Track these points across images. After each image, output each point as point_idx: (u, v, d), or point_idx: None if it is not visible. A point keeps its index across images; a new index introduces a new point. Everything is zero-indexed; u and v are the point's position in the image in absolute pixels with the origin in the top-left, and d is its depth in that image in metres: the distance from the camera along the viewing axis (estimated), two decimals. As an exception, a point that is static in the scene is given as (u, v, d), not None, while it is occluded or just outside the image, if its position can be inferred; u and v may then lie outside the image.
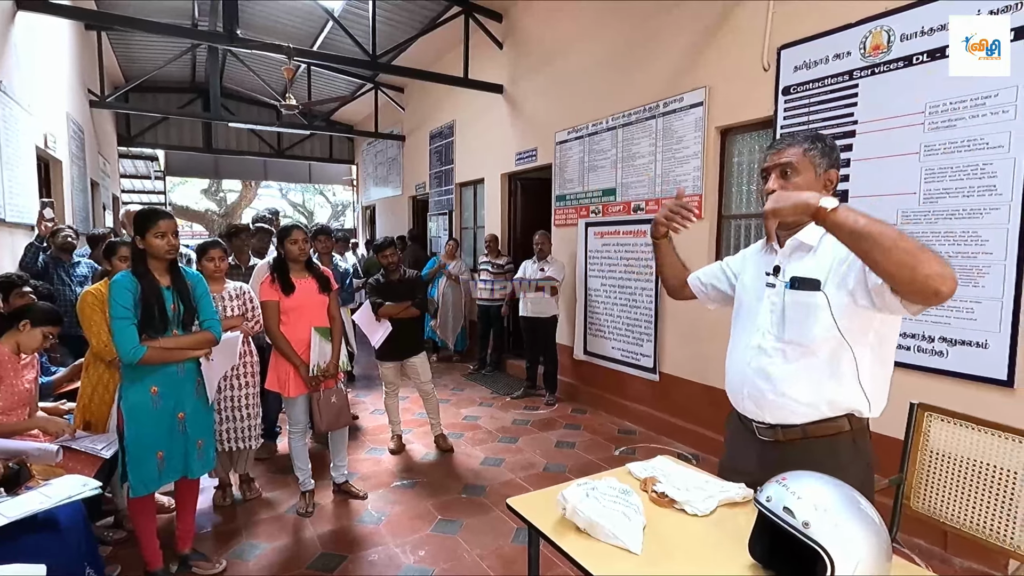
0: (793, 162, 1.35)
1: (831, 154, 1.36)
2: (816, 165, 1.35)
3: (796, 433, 1.36)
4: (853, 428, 1.33)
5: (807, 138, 1.38)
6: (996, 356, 2.40)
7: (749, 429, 1.46)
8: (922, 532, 2.53)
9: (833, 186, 1.37)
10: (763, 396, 1.38)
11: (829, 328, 1.27)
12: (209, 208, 20.07)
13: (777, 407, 1.37)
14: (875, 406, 1.34)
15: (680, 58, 3.93)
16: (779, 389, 1.35)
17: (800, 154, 1.35)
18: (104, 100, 7.22)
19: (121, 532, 2.67)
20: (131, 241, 2.24)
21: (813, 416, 1.33)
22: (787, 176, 1.36)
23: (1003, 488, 1.64)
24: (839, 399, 1.32)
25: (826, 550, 0.94)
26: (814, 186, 1.34)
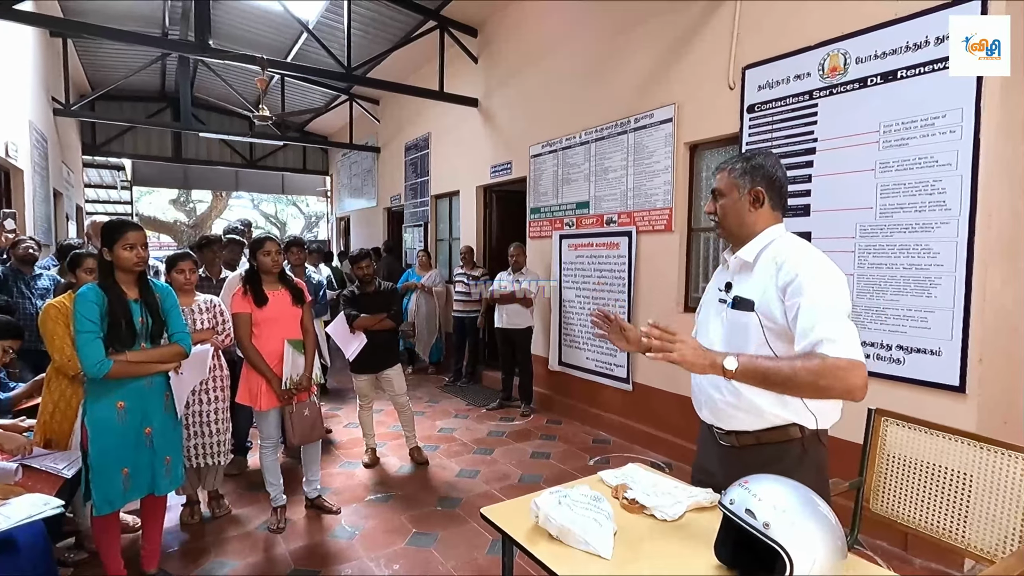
0: (720, 187, 1.49)
1: (753, 172, 1.45)
2: (739, 186, 1.46)
3: (750, 439, 1.43)
4: (804, 435, 1.39)
5: (733, 160, 1.50)
6: (948, 363, 2.52)
7: (712, 434, 1.53)
8: (883, 534, 2.62)
9: (762, 201, 1.44)
10: (715, 405, 1.47)
11: (761, 347, 1.35)
12: (178, 219, 19.64)
13: (728, 416, 1.45)
14: (822, 420, 1.39)
15: (650, 75, 4.05)
16: (727, 400, 1.43)
17: (725, 177, 1.48)
18: (69, 108, 7.06)
19: (83, 553, 2.58)
20: (98, 253, 2.19)
21: (761, 425, 1.40)
22: (716, 200, 1.50)
23: (957, 489, 1.72)
24: (782, 413, 1.38)
25: (785, 549, 0.99)
26: (739, 205, 1.45)
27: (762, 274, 1.39)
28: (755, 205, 1.45)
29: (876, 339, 2.75)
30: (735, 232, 1.48)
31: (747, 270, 1.45)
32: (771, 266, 1.37)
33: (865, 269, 2.79)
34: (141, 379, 2.17)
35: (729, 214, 1.46)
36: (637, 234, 4.18)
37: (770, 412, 1.38)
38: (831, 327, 1.23)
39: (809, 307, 1.26)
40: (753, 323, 1.36)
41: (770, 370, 1.24)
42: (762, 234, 1.44)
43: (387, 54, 6.44)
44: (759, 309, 1.36)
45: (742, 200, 1.45)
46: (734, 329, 1.42)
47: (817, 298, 1.26)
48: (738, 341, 1.40)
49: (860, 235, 2.80)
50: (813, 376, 1.20)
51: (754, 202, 1.45)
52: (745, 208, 1.45)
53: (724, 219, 1.48)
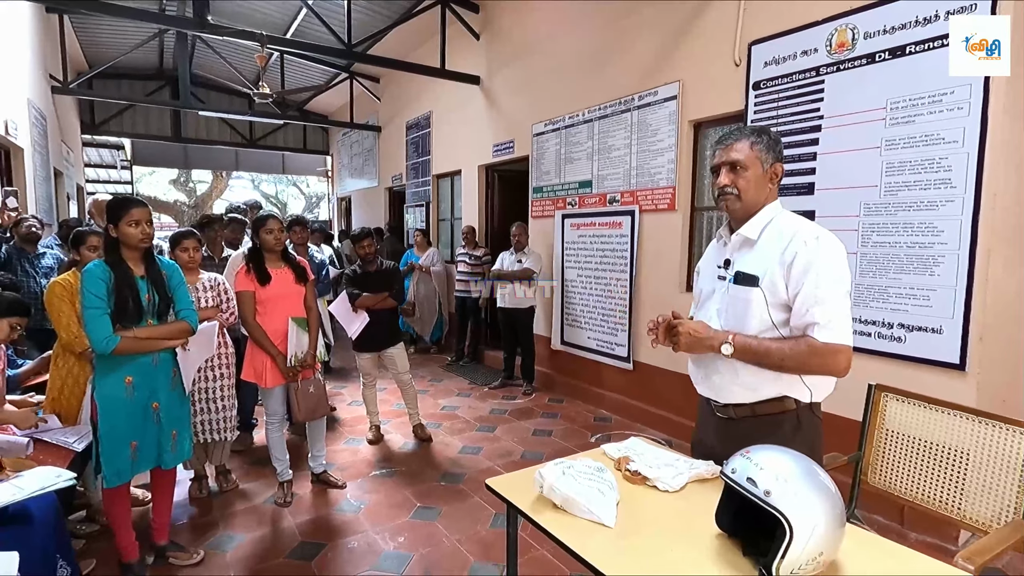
0: (741, 159, 1.42)
1: (775, 147, 1.44)
2: (762, 160, 1.42)
3: (746, 411, 1.46)
4: (799, 407, 1.42)
5: (753, 131, 1.44)
6: (950, 341, 2.53)
7: (709, 407, 1.56)
8: (881, 508, 2.66)
9: (778, 178, 1.45)
10: (711, 380, 1.50)
11: (764, 322, 1.38)
12: (178, 199, 19.57)
13: (725, 390, 1.47)
14: (816, 392, 1.42)
15: (654, 52, 4.00)
16: (723, 374, 1.46)
17: (748, 149, 1.42)
18: (67, 86, 6.99)
19: (94, 526, 2.64)
20: (103, 230, 2.20)
21: (757, 397, 1.43)
22: (736, 172, 1.42)
23: (955, 463, 1.75)
24: (779, 386, 1.40)
25: (786, 516, 1.01)
26: (761, 180, 1.42)
27: (767, 250, 1.40)
28: (773, 181, 1.44)
29: (877, 317, 2.76)
30: (749, 207, 1.44)
31: (748, 247, 1.45)
32: (776, 242, 1.39)
33: (868, 248, 2.78)
34: (148, 355, 2.19)
35: (751, 188, 1.42)
36: (640, 213, 4.17)
37: (764, 387, 1.41)
38: (825, 311, 1.30)
39: (809, 288, 1.31)
40: (756, 298, 1.37)
41: (761, 354, 1.35)
42: (764, 211, 1.45)
43: (388, 30, 6.34)
44: (764, 284, 1.37)
45: (764, 175, 1.42)
46: (735, 304, 1.43)
47: (818, 279, 1.31)
48: (739, 315, 1.42)
49: (864, 213, 2.79)
50: (801, 360, 1.33)
51: (773, 177, 1.44)
52: (765, 183, 1.43)
53: (745, 193, 1.42)
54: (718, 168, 1.47)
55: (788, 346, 1.33)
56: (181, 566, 2.37)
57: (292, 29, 7.10)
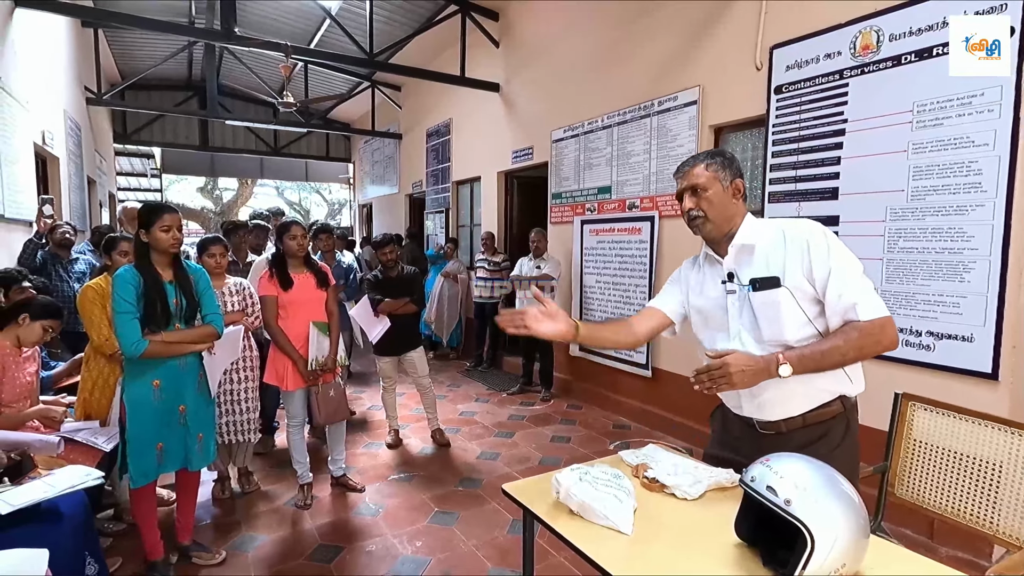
0: (700, 182, 1.46)
1: (731, 165, 1.48)
2: (721, 179, 1.46)
3: (797, 423, 1.43)
4: (846, 408, 1.42)
5: (707, 155, 1.50)
6: (981, 349, 2.46)
7: (749, 425, 1.50)
8: (909, 521, 2.59)
9: (741, 193, 1.48)
10: (762, 398, 1.43)
11: (799, 319, 1.36)
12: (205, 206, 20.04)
13: (778, 404, 1.43)
14: (856, 384, 1.43)
15: (674, 57, 3.98)
16: (777, 391, 1.40)
17: (704, 171, 1.46)
18: (101, 97, 7.23)
19: (121, 524, 2.70)
20: (134, 235, 2.26)
21: (810, 405, 1.41)
22: (699, 195, 1.46)
23: (987, 475, 1.69)
24: (828, 385, 1.39)
25: (806, 526, 0.99)
26: (724, 197, 1.45)
27: (772, 250, 1.41)
28: (737, 196, 1.47)
29: (905, 325, 2.69)
30: (720, 224, 1.46)
31: (748, 254, 1.44)
32: (781, 243, 1.40)
33: (895, 253, 2.72)
34: (176, 359, 2.24)
35: (716, 206, 1.45)
36: (660, 219, 4.14)
37: (822, 389, 1.40)
38: (857, 290, 1.30)
39: (834, 273, 1.32)
40: (785, 298, 1.35)
41: (820, 360, 1.31)
42: (746, 221, 1.48)
43: (409, 39, 6.43)
44: (787, 282, 1.36)
45: (726, 192, 1.46)
46: (764, 310, 1.39)
47: (837, 262, 1.33)
48: (772, 319, 1.38)
49: (890, 218, 2.73)
50: (858, 346, 1.29)
51: (736, 193, 1.47)
52: (729, 199, 1.46)
53: (710, 210, 1.45)
54: (682, 195, 1.51)
55: (841, 340, 1.30)
56: (204, 565, 2.41)
57: (316, 39, 7.25)
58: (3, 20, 4.00)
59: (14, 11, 4.17)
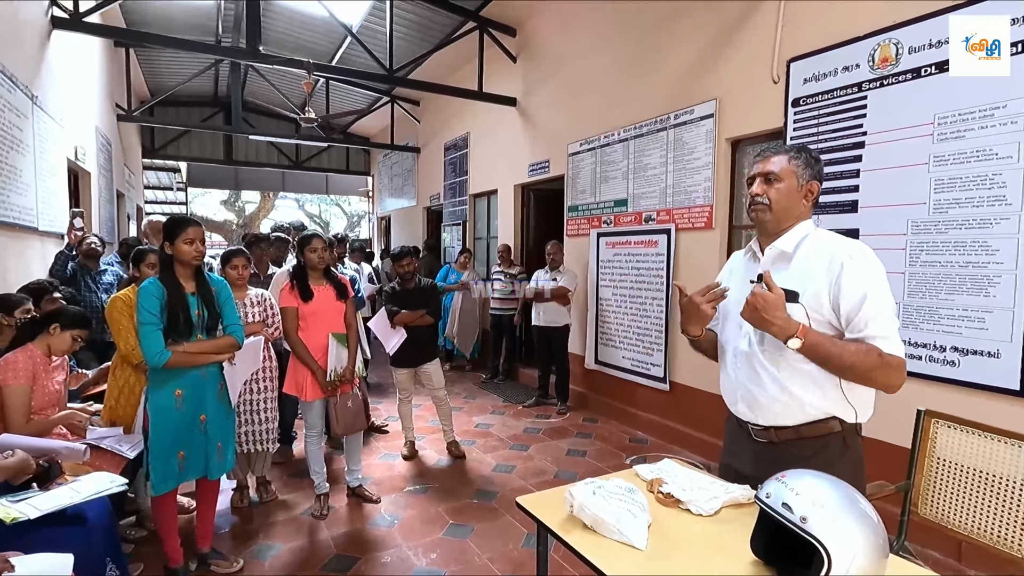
0: (776, 171, 1.43)
1: (814, 166, 1.44)
2: (799, 176, 1.42)
3: (789, 434, 1.41)
4: (844, 429, 1.38)
5: (792, 148, 1.46)
6: (1008, 365, 2.40)
7: (745, 430, 1.51)
8: (935, 542, 2.52)
9: (814, 197, 1.44)
10: (754, 400, 1.45)
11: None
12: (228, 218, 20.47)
13: (768, 410, 1.42)
14: (861, 413, 1.39)
15: (690, 70, 3.99)
16: (768, 394, 1.41)
17: (785, 162, 1.43)
18: (131, 114, 7.47)
19: (143, 531, 2.75)
20: (159, 248, 2.33)
21: (803, 418, 1.39)
22: (770, 182, 1.43)
23: (1016, 496, 1.65)
24: (824, 405, 1.37)
25: (823, 544, 0.98)
26: (794, 194, 1.42)
27: (807, 265, 1.38)
28: (808, 198, 1.44)
29: (928, 340, 2.64)
30: (780, 220, 1.43)
31: (784, 260, 1.43)
32: (817, 257, 1.36)
33: (917, 267, 2.68)
34: (197, 369, 2.30)
35: (783, 199, 1.42)
36: (676, 232, 4.13)
37: (812, 405, 1.37)
38: (885, 326, 1.28)
39: (865, 302, 1.29)
40: (798, 314, 1.33)
41: (833, 353, 1.28)
42: (798, 226, 1.44)
43: (427, 55, 6.55)
44: (805, 300, 1.34)
45: (799, 190, 1.42)
46: None
47: (873, 293, 1.29)
48: None
49: (912, 232, 2.69)
50: (867, 367, 1.27)
51: (808, 195, 1.43)
52: (799, 199, 1.43)
53: (776, 203, 1.42)
54: (753, 179, 1.48)
55: (861, 354, 1.26)
56: (222, 573, 2.44)
57: (337, 56, 7.42)
58: (41, 42, 4.17)
59: (51, 33, 4.35)
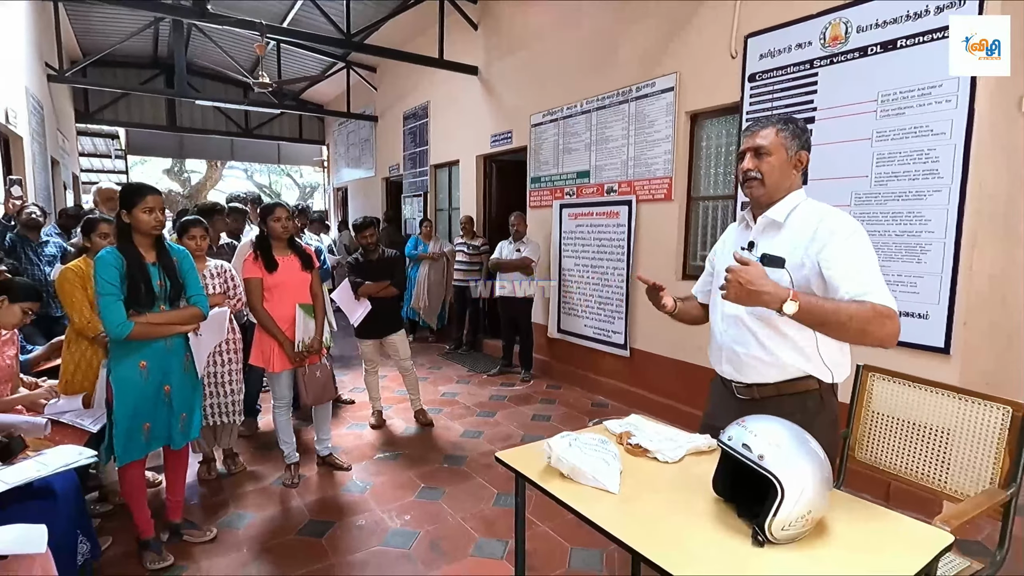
0: (766, 144, 1.47)
1: (801, 136, 1.49)
2: (787, 147, 1.47)
3: (770, 391, 1.51)
4: (821, 387, 1.50)
5: (780, 120, 1.50)
6: (935, 326, 2.64)
7: (729, 390, 1.61)
8: (867, 486, 2.76)
9: (803, 166, 1.51)
10: (738, 359, 1.54)
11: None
12: (172, 188, 19.45)
13: (751, 368, 1.52)
14: (837, 374, 1.51)
15: (652, 44, 4.06)
16: (751, 354, 1.50)
17: (773, 135, 1.47)
18: (62, 75, 6.95)
19: (108, 506, 2.71)
20: (115, 216, 2.24)
21: (783, 376, 1.49)
22: (761, 157, 1.48)
23: (938, 439, 1.84)
24: (803, 366, 1.47)
25: (778, 478, 1.09)
26: (785, 166, 1.47)
27: (794, 233, 1.44)
28: (797, 168, 1.49)
29: (867, 304, 2.85)
30: (773, 193, 1.48)
31: (774, 229, 1.49)
32: (805, 226, 1.42)
33: (859, 236, 2.87)
34: (162, 340, 2.25)
35: (775, 173, 1.46)
36: (637, 203, 4.25)
37: (792, 365, 1.47)
38: (872, 281, 1.32)
39: (852, 263, 1.34)
40: (782, 279, 1.37)
41: (828, 313, 1.29)
42: (790, 196, 1.49)
43: (386, 20, 6.35)
44: (790, 265, 1.38)
45: (789, 161, 1.47)
46: None
47: (858, 255, 1.36)
48: None
49: (855, 203, 2.88)
50: (863, 323, 1.28)
51: (797, 165, 1.48)
52: (789, 170, 1.47)
53: (769, 175, 1.46)
54: (743, 154, 1.52)
55: (854, 308, 1.28)
56: (196, 543, 2.45)
57: (289, 18, 7.08)
58: (-39, -8, 3.83)
59: (-28, -18, 3.99)
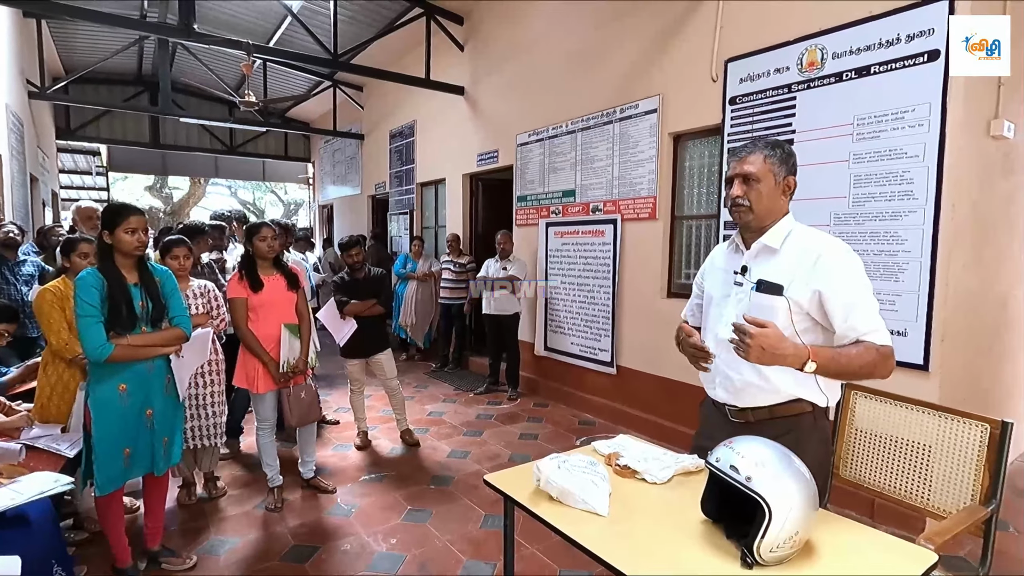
0: (755, 171, 1.46)
1: (788, 161, 1.50)
2: (775, 173, 1.46)
3: (764, 414, 1.51)
4: (814, 410, 1.50)
5: (767, 145, 1.49)
6: (914, 343, 2.69)
7: (721, 412, 1.60)
8: (852, 503, 2.79)
9: (791, 191, 1.51)
10: (732, 384, 1.53)
11: (787, 330, 1.38)
12: (153, 205, 19.22)
13: (745, 393, 1.52)
14: (831, 399, 1.52)
15: (636, 66, 4.15)
16: (746, 379, 1.50)
17: (761, 162, 1.46)
18: (44, 91, 6.89)
19: (83, 533, 2.62)
20: (97, 237, 2.21)
21: (777, 399, 1.49)
22: (749, 184, 1.47)
23: (920, 456, 1.87)
24: (797, 392, 1.48)
25: (765, 499, 1.10)
26: (773, 192, 1.48)
27: (791, 261, 1.44)
28: (786, 193, 1.49)
29: (848, 321, 2.91)
30: (763, 219, 1.48)
31: (769, 254, 1.48)
32: (804, 257, 1.42)
33: (838, 255, 2.93)
34: (143, 362, 2.21)
35: (764, 199, 1.45)
36: (622, 222, 4.30)
37: (786, 390, 1.47)
38: (873, 320, 1.37)
39: (857, 303, 1.37)
40: (781, 306, 1.38)
41: (843, 366, 1.35)
42: (782, 221, 1.49)
43: (373, 40, 6.41)
44: (789, 294, 1.39)
45: (777, 187, 1.47)
46: (759, 311, 1.42)
47: (862, 293, 1.39)
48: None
49: (834, 223, 2.95)
50: (871, 368, 1.36)
51: (785, 190, 1.48)
52: (778, 196, 1.47)
53: (757, 203, 1.45)
54: (731, 180, 1.51)
55: (865, 356, 1.34)
56: (175, 571, 2.38)
57: (276, 37, 7.12)
58: (-58, 9, 3.79)
59: (-47, 0, 3.96)
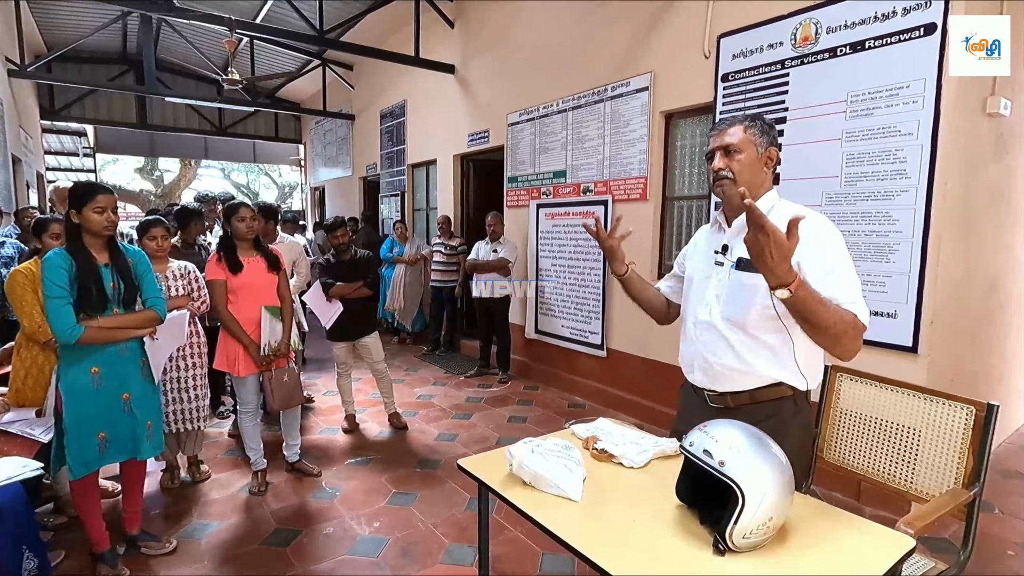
0: (735, 142, 1.41)
1: (769, 132, 1.45)
2: (756, 144, 1.42)
3: (744, 399, 1.47)
4: (795, 393, 1.45)
5: (746, 117, 1.46)
6: (904, 325, 2.66)
7: (701, 397, 1.55)
8: (838, 485, 2.79)
9: (774, 163, 1.46)
10: (711, 368, 1.49)
11: (767, 308, 1.36)
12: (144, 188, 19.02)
13: (724, 377, 1.47)
14: (811, 382, 1.47)
15: (627, 43, 4.05)
16: (724, 362, 1.45)
17: (741, 132, 1.42)
18: (24, 70, 6.72)
19: (62, 518, 2.60)
20: (64, 216, 2.15)
21: (757, 383, 1.44)
22: (730, 155, 1.43)
23: (906, 439, 1.84)
24: (777, 375, 1.43)
25: (738, 485, 1.07)
26: (756, 163, 1.43)
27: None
28: (768, 166, 1.44)
29: (837, 303, 2.87)
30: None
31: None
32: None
33: (829, 236, 2.88)
34: (115, 345, 2.16)
35: (746, 171, 1.41)
36: (613, 203, 4.23)
37: (766, 374, 1.42)
38: (856, 293, 1.31)
39: (841, 275, 1.32)
40: (761, 283, 1.32)
41: (817, 311, 1.22)
42: (765, 197, 1.44)
43: (361, 17, 6.27)
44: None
45: (759, 158, 1.43)
46: (740, 289, 1.41)
47: (845, 267, 1.33)
48: (742, 301, 1.41)
49: (826, 203, 2.89)
50: (844, 328, 1.25)
51: (768, 162, 1.44)
52: (760, 167, 1.43)
53: (740, 175, 1.41)
54: (712, 154, 1.46)
55: (841, 311, 1.25)
56: (153, 555, 2.36)
57: (262, 14, 6.95)
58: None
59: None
